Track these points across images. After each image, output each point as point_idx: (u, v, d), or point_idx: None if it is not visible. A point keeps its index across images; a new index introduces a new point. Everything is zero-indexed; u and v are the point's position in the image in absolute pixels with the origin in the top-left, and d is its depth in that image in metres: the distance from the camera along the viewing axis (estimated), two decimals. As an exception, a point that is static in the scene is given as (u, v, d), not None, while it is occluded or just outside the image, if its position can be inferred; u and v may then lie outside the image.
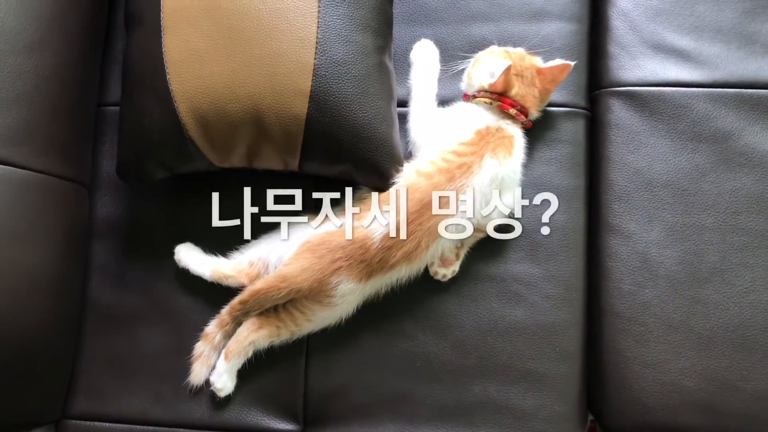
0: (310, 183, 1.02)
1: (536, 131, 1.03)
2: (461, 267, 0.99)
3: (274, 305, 0.97)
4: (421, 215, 0.93)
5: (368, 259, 0.93)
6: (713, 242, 0.97)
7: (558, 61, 0.99)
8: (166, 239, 1.05)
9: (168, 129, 0.95)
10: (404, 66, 1.05)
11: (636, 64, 1.05)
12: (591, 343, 1.00)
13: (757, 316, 0.95)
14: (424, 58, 1.03)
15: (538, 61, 0.99)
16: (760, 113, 1.00)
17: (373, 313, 0.98)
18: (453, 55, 1.03)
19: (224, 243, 1.02)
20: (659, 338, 0.96)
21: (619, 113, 1.04)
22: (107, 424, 1.02)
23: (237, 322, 0.98)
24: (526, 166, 1.00)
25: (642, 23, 1.05)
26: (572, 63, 0.99)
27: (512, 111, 0.98)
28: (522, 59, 0.99)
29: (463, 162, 0.94)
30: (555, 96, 1.03)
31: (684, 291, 0.97)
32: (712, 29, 1.04)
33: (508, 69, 0.95)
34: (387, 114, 0.98)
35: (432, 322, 1.00)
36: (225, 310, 0.98)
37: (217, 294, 1.01)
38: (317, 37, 0.93)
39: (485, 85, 0.98)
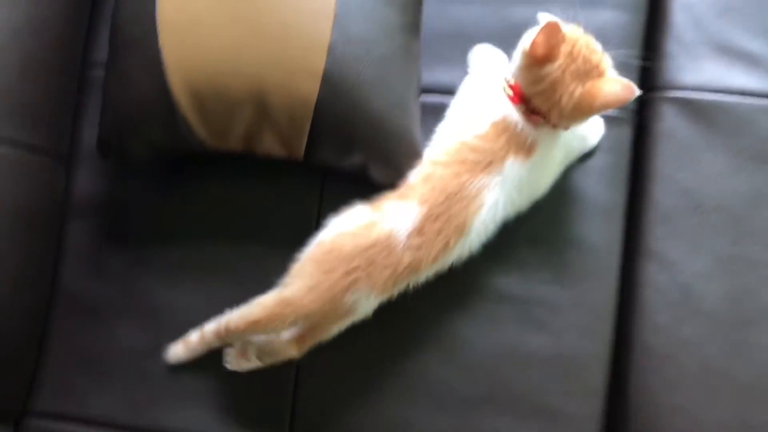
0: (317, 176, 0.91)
1: (575, 135, 0.90)
2: (478, 283, 0.88)
3: None
4: (448, 208, 0.80)
5: (394, 264, 0.79)
6: (767, 279, 0.86)
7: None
8: (151, 224, 0.95)
9: (158, 104, 0.83)
10: (432, 48, 0.92)
11: (697, 67, 0.91)
12: (617, 380, 0.89)
13: (809, 367, 0.84)
14: (485, 67, 0.89)
15: (607, 66, 0.79)
16: (836, 136, 0.88)
17: (373, 327, 0.86)
18: (490, 39, 0.91)
19: (216, 231, 0.93)
20: (695, 382, 0.85)
21: (671, 122, 0.91)
22: (72, 426, 0.92)
23: None
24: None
25: (708, 20, 0.92)
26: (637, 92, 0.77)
27: (520, 108, 0.80)
28: (588, 45, 0.78)
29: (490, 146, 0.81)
30: (600, 96, 0.91)
31: (728, 332, 0.85)
32: (788, 33, 0.90)
33: (553, 27, 0.74)
34: (410, 103, 0.86)
35: (440, 343, 0.89)
36: (211, 330, 0.85)
37: (206, 294, 0.91)
38: (336, 10, 0.81)
39: (527, 48, 0.78)
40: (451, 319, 0.89)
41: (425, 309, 0.88)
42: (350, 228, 0.81)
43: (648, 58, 0.94)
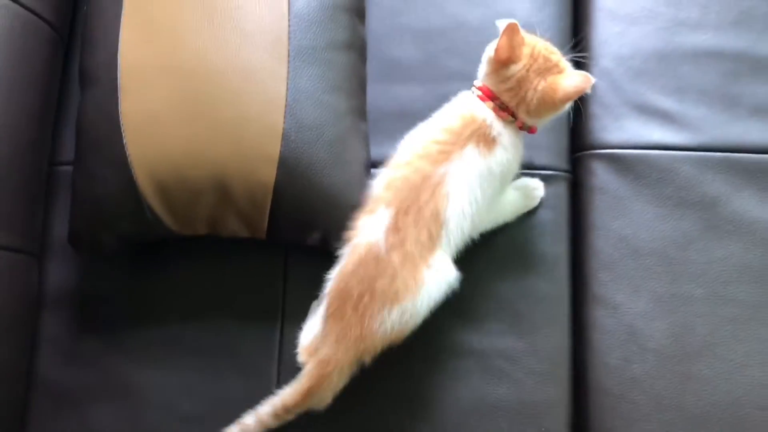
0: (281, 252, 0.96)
1: (515, 194, 0.98)
2: (441, 339, 0.93)
3: None
4: (416, 199, 0.82)
5: (386, 269, 0.79)
6: (703, 314, 0.93)
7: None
8: (123, 308, 0.98)
9: (125, 197, 0.88)
10: (379, 126, 0.99)
11: (619, 126, 1.01)
12: (578, 422, 0.94)
13: (751, 393, 0.90)
14: None
15: (566, 65, 0.88)
16: (747, 178, 0.97)
17: (344, 389, 0.89)
18: (431, 115, 0.99)
19: (186, 310, 0.96)
20: (649, 417, 0.91)
21: (602, 177, 1.00)
22: None
23: None
24: (504, 232, 0.95)
25: (624, 83, 1.02)
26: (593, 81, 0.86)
27: (490, 104, 0.87)
28: (547, 47, 0.87)
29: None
30: (536, 158, 1.00)
31: (674, 366, 0.92)
32: (695, 91, 1.01)
33: (513, 27, 0.82)
34: (361, 179, 0.93)
35: (411, 401, 0.93)
36: (266, 412, 0.83)
37: (179, 373, 0.94)
38: (287, 100, 0.88)
39: (492, 55, 0.86)
40: (420, 377, 0.93)
41: (393, 367, 0.91)
42: (342, 264, 0.84)
43: (576, 119, 1.03)
